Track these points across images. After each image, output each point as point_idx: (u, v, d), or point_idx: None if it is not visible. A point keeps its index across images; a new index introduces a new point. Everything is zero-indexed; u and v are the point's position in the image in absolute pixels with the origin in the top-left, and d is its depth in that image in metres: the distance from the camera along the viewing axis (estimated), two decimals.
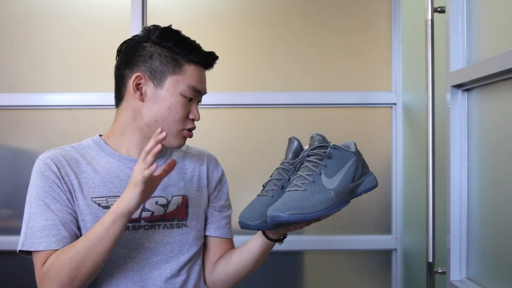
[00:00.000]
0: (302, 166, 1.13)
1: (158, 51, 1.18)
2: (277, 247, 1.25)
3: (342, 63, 2.23)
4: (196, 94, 1.20)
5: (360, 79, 2.23)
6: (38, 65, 2.19)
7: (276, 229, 1.17)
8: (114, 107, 1.26)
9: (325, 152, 1.12)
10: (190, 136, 1.23)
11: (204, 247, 1.33)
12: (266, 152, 2.19)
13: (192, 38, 1.23)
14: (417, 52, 1.93)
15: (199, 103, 1.25)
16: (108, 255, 1.09)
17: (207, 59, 1.22)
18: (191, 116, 1.21)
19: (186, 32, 1.23)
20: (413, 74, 2.09)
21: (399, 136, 2.20)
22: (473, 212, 1.42)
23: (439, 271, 1.51)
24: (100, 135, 1.27)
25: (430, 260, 1.54)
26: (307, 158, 1.14)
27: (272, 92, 2.21)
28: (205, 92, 1.24)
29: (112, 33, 2.18)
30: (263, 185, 1.20)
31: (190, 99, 1.19)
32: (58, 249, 1.10)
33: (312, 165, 1.11)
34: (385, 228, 2.24)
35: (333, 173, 1.11)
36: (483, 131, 1.38)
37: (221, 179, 1.36)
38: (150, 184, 1.06)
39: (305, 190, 1.07)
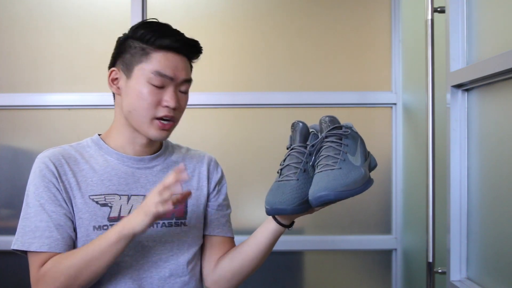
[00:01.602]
0: (324, 147, 1.12)
1: (130, 43, 1.19)
2: (277, 247, 1.25)
3: (342, 63, 2.23)
4: (166, 80, 1.15)
5: (360, 79, 2.23)
6: (38, 65, 2.19)
7: (300, 213, 1.12)
8: (113, 107, 1.27)
9: (345, 132, 1.12)
10: (165, 127, 1.18)
11: (204, 247, 1.32)
12: (266, 152, 2.19)
13: (193, 39, 1.21)
14: (417, 52, 1.93)
15: (184, 92, 1.20)
16: (107, 269, 1.10)
17: (178, 43, 1.17)
18: (164, 103, 1.16)
19: (186, 32, 1.22)
20: (413, 74, 2.09)
21: (399, 136, 2.20)
22: (473, 212, 1.42)
23: (439, 271, 1.51)
24: (100, 135, 1.27)
25: (430, 260, 1.54)
26: (326, 139, 1.13)
27: (272, 92, 2.21)
28: (182, 78, 1.18)
29: (112, 33, 2.15)
30: (278, 172, 1.16)
31: (160, 87, 1.15)
32: (53, 252, 1.11)
33: (336, 145, 1.11)
34: (385, 228, 2.24)
35: (354, 151, 1.11)
36: (483, 131, 1.38)
37: (221, 180, 1.36)
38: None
39: (341, 168, 1.06)
